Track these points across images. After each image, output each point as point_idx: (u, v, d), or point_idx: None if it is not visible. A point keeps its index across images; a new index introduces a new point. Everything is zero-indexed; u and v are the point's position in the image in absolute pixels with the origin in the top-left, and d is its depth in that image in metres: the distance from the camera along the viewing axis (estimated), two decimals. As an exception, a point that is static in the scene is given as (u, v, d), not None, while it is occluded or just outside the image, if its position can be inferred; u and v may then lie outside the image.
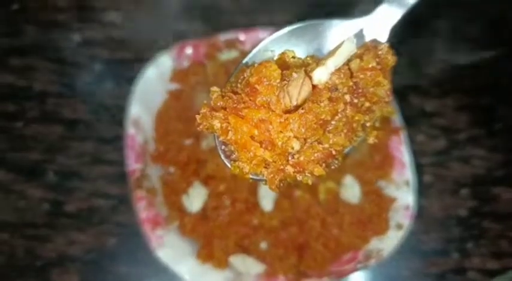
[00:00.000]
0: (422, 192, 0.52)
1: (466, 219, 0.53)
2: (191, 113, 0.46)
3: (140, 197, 0.42)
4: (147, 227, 0.41)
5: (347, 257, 0.43)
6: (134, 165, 0.43)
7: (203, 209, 0.42)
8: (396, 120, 0.47)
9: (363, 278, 0.49)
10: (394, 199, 0.45)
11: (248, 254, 0.42)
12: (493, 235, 0.52)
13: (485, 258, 0.51)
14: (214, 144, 0.43)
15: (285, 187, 0.41)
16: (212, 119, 0.24)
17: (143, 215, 0.42)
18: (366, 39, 0.29)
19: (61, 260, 0.48)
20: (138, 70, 0.50)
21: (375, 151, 0.46)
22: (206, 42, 0.49)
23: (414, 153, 0.52)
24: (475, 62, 0.60)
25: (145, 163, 0.44)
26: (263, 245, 0.42)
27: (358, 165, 0.45)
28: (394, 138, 0.47)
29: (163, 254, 0.41)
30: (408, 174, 0.46)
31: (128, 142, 0.44)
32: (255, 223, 0.42)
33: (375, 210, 0.44)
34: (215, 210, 0.42)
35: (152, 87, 0.47)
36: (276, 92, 0.25)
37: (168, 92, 0.48)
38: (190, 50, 0.49)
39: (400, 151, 0.47)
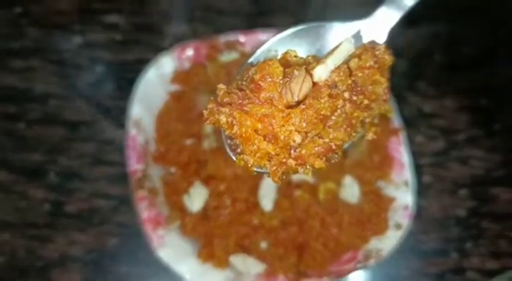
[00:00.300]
0: (421, 192, 0.53)
1: (465, 219, 0.53)
2: (192, 114, 0.46)
3: (141, 197, 0.43)
4: (148, 227, 0.42)
5: (346, 256, 0.43)
6: (135, 165, 0.44)
7: (204, 209, 0.43)
8: (395, 121, 0.48)
9: (363, 278, 0.49)
10: (393, 199, 0.45)
11: (248, 253, 0.42)
12: (492, 235, 0.52)
13: (484, 258, 0.52)
14: (214, 145, 0.44)
15: (285, 187, 0.42)
16: (219, 114, 0.26)
17: (144, 215, 0.42)
18: (365, 40, 0.30)
19: (62, 260, 0.48)
20: (139, 72, 0.51)
21: (374, 152, 0.46)
22: (207, 43, 0.49)
23: (413, 153, 0.52)
24: (474, 63, 0.61)
25: (146, 164, 0.44)
26: (263, 244, 0.42)
27: (357, 165, 0.45)
28: (393, 139, 0.47)
29: (164, 254, 0.41)
30: (407, 174, 0.46)
31: (129, 143, 0.44)
32: (255, 223, 0.42)
33: (374, 210, 0.44)
34: (216, 210, 0.42)
35: (153, 88, 0.47)
36: (279, 89, 0.26)
37: (169, 93, 0.48)
38: (191, 52, 0.49)
39: (399, 152, 0.47)
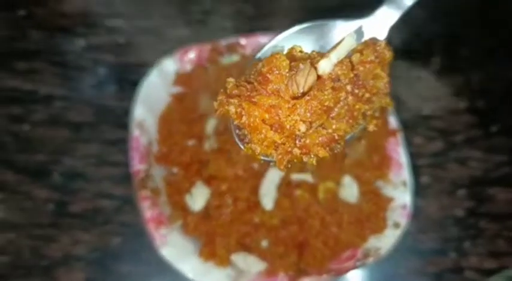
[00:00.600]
0: (420, 193, 0.53)
1: (463, 219, 0.53)
2: (194, 115, 0.47)
3: (144, 197, 0.43)
4: (151, 226, 0.42)
5: (346, 255, 0.43)
6: (138, 166, 0.44)
7: (206, 208, 0.43)
8: (393, 122, 0.48)
9: (362, 276, 0.50)
10: (392, 199, 0.46)
11: (249, 252, 0.43)
12: (490, 235, 0.53)
13: (482, 257, 0.52)
14: (215, 145, 0.45)
15: (285, 187, 0.42)
16: (228, 105, 0.27)
17: (147, 214, 0.43)
18: (366, 37, 0.31)
19: (66, 259, 0.49)
20: (142, 74, 0.52)
21: (373, 152, 0.47)
22: (208, 46, 0.50)
23: (412, 155, 0.53)
24: (472, 65, 0.61)
25: (149, 164, 0.45)
26: (264, 243, 0.43)
27: (356, 166, 0.45)
28: (391, 140, 0.48)
29: (166, 252, 0.42)
30: (405, 174, 0.47)
31: (133, 144, 0.45)
32: (256, 222, 0.42)
33: (373, 209, 0.45)
34: (217, 209, 0.42)
35: (156, 90, 0.48)
36: (285, 81, 0.27)
37: (172, 95, 0.49)
38: (192, 54, 0.50)
39: (397, 152, 0.47)
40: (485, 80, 0.60)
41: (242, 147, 0.29)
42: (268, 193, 0.42)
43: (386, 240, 0.44)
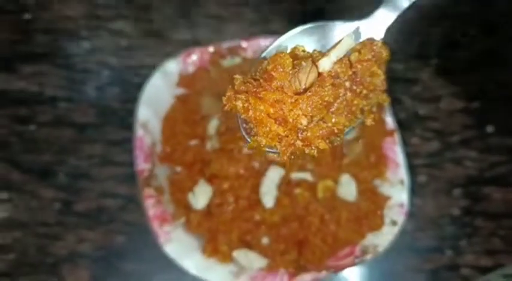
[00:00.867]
0: (417, 192, 0.55)
1: (459, 218, 0.54)
2: (196, 116, 0.48)
3: (148, 195, 0.44)
4: (155, 223, 0.43)
5: (344, 251, 0.44)
6: (143, 165, 0.45)
7: (208, 206, 0.44)
8: (390, 122, 0.50)
9: (361, 273, 0.51)
10: (389, 197, 0.47)
11: (251, 249, 0.44)
12: (485, 233, 0.54)
13: (478, 255, 0.53)
14: (217, 145, 0.46)
15: (286, 185, 0.44)
16: (236, 100, 0.29)
17: (151, 212, 0.44)
18: (364, 37, 0.33)
19: (71, 257, 0.50)
20: (145, 76, 0.53)
21: (371, 152, 0.48)
22: (210, 49, 0.51)
23: (409, 154, 0.54)
24: (467, 68, 0.62)
25: (153, 163, 0.46)
26: (265, 240, 0.44)
27: (354, 165, 0.46)
28: (389, 139, 0.49)
29: (170, 249, 0.43)
30: (402, 173, 0.48)
31: (137, 144, 0.46)
32: (257, 219, 0.43)
33: (371, 207, 0.46)
34: (219, 207, 0.43)
35: (159, 92, 0.49)
36: (288, 78, 0.29)
37: (175, 97, 0.50)
38: (195, 57, 0.51)
39: (394, 152, 0.49)
40: (480, 82, 0.62)
41: (249, 140, 0.30)
42: (268, 191, 0.43)
43: (383, 237, 0.45)
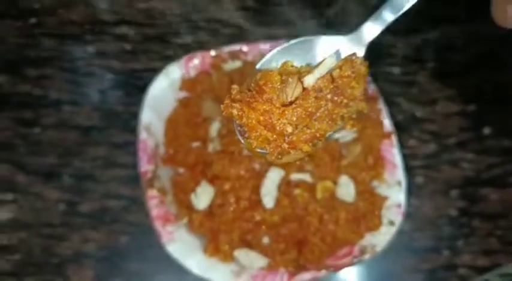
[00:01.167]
0: (414, 193, 0.56)
1: (456, 218, 0.55)
2: (198, 119, 0.49)
3: (152, 196, 0.45)
4: (158, 223, 0.44)
5: (343, 251, 0.45)
6: (146, 166, 0.46)
7: (210, 206, 0.45)
8: (388, 125, 0.51)
9: (359, 273, 0.52)
10: (387, 198, 0.48)
11: (251, 248, 0.44)
12: (482, 234, 0.55)
13: (475, 255, 0.54)
14: (219, 147, 0.47)
15: (285, 186, 0.45)
16: (232, 108, 0.33)
17: (154, 212, 0.45)
18: (348, 52, 0.35)
19: (76, 257, 0.51)
20: (148, 79, 0.54)
21: (369, 153, 0.49)
22: (212, 53, 0.52)
23: (406, 156, 0.55)
24: (463, 71, 0.63)
25: (156, 165, 0.47)
26: (265, 240, 0.44)
27: (353, 166, 0.47)
28: (386, 142, 0.50)
29: (173, 249, 0.44)
30: (399, 174, 0.49)
31: (141, 146, 0.47)
32: (258, 219, 0.44)
33: (369, 208, 0.47)
34: (221, 207, 0.44)
35: (163, 95, 0.50)
36: (277, 92, 0.33)
37: (177, 100, 0.51)
38: (197, 61, 0.52)
39: (392, 153, 0.49)
40: (476, 85, 0.63)
41: (242, 141, 0.34)
42: (269, 192, 0.44)
43: (381, 237, 0.46)
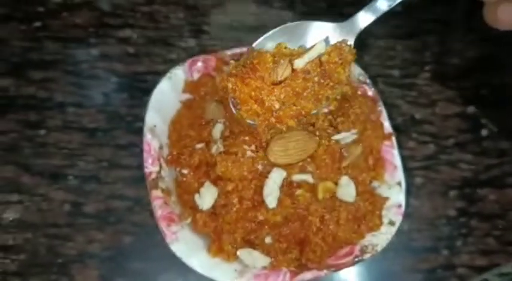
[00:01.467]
0: (413, 193, 0.56)
1: (455, 218, 0.56)
2: (201, 121, 0.50)
3: (156, 196, 0.46)
4: (163, 223, 0.45)
5: (344, 251, 0.46)
6: (151, 168, 0.47)
7: (213, 207, 0.45)
8: (388, 126, 0.51)
9: (359, 273, 0.53)
10: (387, 198, 0.49)
11: (254, 248, 0.45)
12: (481, 234, 0.56)
13: (473, 255, 0.55)
14: (221, 149, 0.48)
15: (288, 187, 0.45)
16: (228, 81, 0.36)
17: (159, 212, 0.45)
18: (338, 39, 0.39)
19: (81, 257, 0.52)
20: (151, 82, 0.55)
21: (369, 155, 0.49)
22: (215, 56, 0.53)
23: (406, 157, 0.56)
24: (462, 74, 0.64)
25: (160, 166, 0.48)
26: (268, 239, 0.45)
27: (353, 167, 0.48)
28: (386, 143, 0.51)
29: (177, 248, 0.44)
30: (399, 175, 0.49)
31: (145, 147, 0.48)
32: (261, 219, 0.45)
33: (369, 208, 0.47)
34: (224, 207, 0.45)
35: (166, 97, 0.50)
36: (268, 71, 0.37)
37: (181, 102, 0.52)
38: (200, 64, 0.53)
39: (392, 154, 0.50)
40: (474, 87, 0.64)
41: (234, 111, 0.38)
42: (271, 193, 0.44)
43: (382, 237, 0.47)
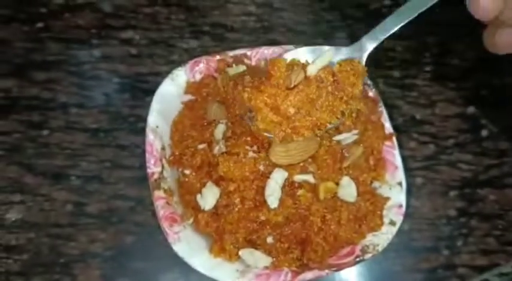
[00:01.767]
0: (414, 193, 0.57)
1: (455, 218, 0.57)
2: (204, 122, 0.50)
3: (158, 197, 0.46)
4: (165, 224, 0.45)
5: (345, 251, 0.46)
6: (153, 168, 0.47)
7: (215, 207, 0.45)
8: (388, 127, 0.52)
9: (360, 273, 0.53)
10: (388, 198, 0.49)
11: (256, 248, 0.45)
12: (481, 234, 0.56)
13: (473, 255, 0.55)
14: (224, 149, 0.48)
15: (289, 187, 0.46)
16: (243, 92, 0.40)
17: (161, 213, 0.45)
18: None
19: (83, 256, 0.52)
20: (153, 83, 0.55)
21: (370, 155, 0.50)
22: (216, 58, 0.53)
23: (406, 157, 0.57)
24: (462, 74, 0.65)
25: (162, 167, 0.48)
26: (269, 239, 0.45)
27: (354, 167, 0.48)
28: (387, 143, 0.51)
29: (179, 248, 0.44)
30: (400, 176, 0.50)
31: (147, 148, 0.48)
32: (262, 219, 0.45)
33: (370, 208, 0.47)
34: (226, 208, 0.45)
35: (169, 98, 0.51)
36: (283, 77, 0.39)
37: (183, 103, 0.52)
38: (202, 65, 0.53)
39: (393, 155, 0.50)
40: (474, 88, 0.64)
41: (251, 125, 0.41)
42: (273, 193, 0.44)
43: (383, 237, 0.47)
